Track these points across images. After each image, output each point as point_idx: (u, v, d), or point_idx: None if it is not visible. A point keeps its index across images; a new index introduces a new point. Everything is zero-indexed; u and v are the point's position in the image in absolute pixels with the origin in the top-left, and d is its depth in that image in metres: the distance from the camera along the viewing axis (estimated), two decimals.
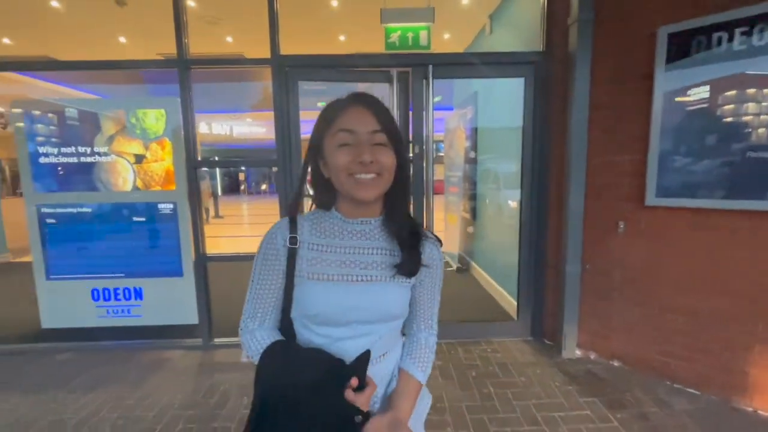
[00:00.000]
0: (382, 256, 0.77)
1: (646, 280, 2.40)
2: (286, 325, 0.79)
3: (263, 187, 20.09)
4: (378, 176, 0.71)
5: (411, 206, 0.77)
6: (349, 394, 0.65)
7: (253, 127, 14.66)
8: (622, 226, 2.44)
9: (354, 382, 0.66)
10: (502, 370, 2.56)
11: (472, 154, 4.66)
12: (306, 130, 3.12)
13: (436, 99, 6.68)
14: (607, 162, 2.45)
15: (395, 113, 2.77)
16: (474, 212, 4.78)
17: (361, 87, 2.97)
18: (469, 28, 4.42)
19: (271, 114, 2.87)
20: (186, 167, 2.91)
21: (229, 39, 4.41)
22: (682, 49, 2.11)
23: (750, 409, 2.11)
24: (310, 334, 0.77)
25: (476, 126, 4.59)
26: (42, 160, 3.11)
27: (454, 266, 5.06)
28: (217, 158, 11.10)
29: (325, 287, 0.74)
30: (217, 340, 3.02)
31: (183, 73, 2.69)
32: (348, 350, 0.73)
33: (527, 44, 2.99)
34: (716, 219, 2.11)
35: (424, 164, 2.83)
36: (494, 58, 2.71)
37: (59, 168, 3.12)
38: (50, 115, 3.08)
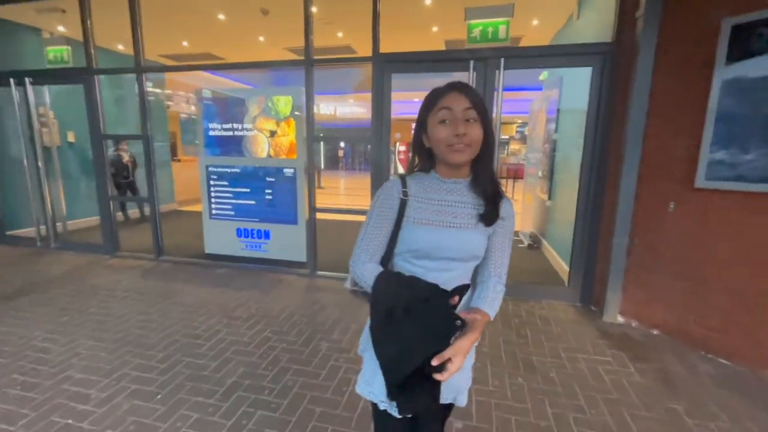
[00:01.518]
0: (468, 208, 0.97)
1: (690, 257, 2.59)
2: (385, 263, 1.01)
3: (359, 163, 21.64)
4: (467, 146, 0.91)
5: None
6: (454, 302, 0.87)
7: (354, 108, 15.90)
8: (672, 206, 2.65)
9: (455, 299, 0.87)
10: (543, 322, 3.01)
11: (552, 136, 4.84)
12: (396, 111, 3.81)
13: (542, 76, 6.58)
14: (662, 146, 2.65)
15: None
16: (550, 193, 4.98)
17: (443, 76, 3.50)
18: (559, 14, 4.55)
19: (369, 95, 3.61)
20: (306, 141, 3.84)
21: (340, 34, 5.27)
22: (744, 40, 2.23)
23: None
24: (411, 266, 0.98)
25: (559, 108, 4.74)
26: (210, 133, 4.36)
27: (526, 243, 5.36)
28: (322, 135, 12.60)
29: (426, 229, 0.95)
30: (319, 273, 4.00)
31: (308, 69, 3.58)
32: (437, 279, 0.91)
33: (608, 30, 3.17)
34: (763, 203, 2.24)
35: (496, 145, 3.28)
36: (563, 50, 3.02)
37: (220, 138, 4.33)
38: (216, 100, 4.29)
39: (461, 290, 0.90)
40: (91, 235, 5.25)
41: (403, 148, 15.47)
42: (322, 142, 18.91)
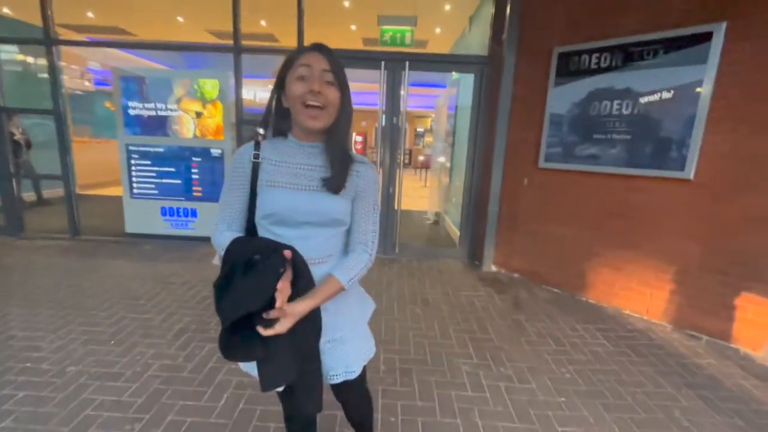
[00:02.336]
0: (324, 171, 0.95)
1: (535, 218, 3.60)
2: (251, 231, 0.99)
3: None
4: (323, 109, 0.89)
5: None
6: (287, 253, 0.86)
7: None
8: (525, 181, 3.62)
9: (288, 253, 0.86)
10: (438, 273, 3.83)
11: (451, 129, 5.75)
12: None
13: (455, 76, 7.48)
14: (519, 137, 3.60)
15: (383, 92, 3.90)
16: (450, 177, 5.92)
17: (362, 72, 4.07)
18: (456, 25, 5.42)
19: None
20: (236, 124, 4.13)
21: (263, 23, 5.52)
22: (565, 64, 3.20)
23: (584, 299, 3.34)
24: (269, 235, 0.95)
25: (456, 105, 5.65)
26: (130, 111, 4.36)
27: (432, 220, 6.28)
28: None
29: (279, 192, 0.93)
30: None
31: (237, 56, 3.88)
32: (299, 248, 0.90)
33: (485, 46, 4.05)
34: (575, 177, 3.27)
35: (400, 133, 3.99)
36: (452, 59, 3.82)
37: (142, 118, 4.36)
38: (136, 79, 4.31)
39: (290, 248, 0.88)
40: None
41: (359, 138, 15.98)
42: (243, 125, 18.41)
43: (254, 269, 0.84)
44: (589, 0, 3.07)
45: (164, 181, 4.49)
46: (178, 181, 4.49)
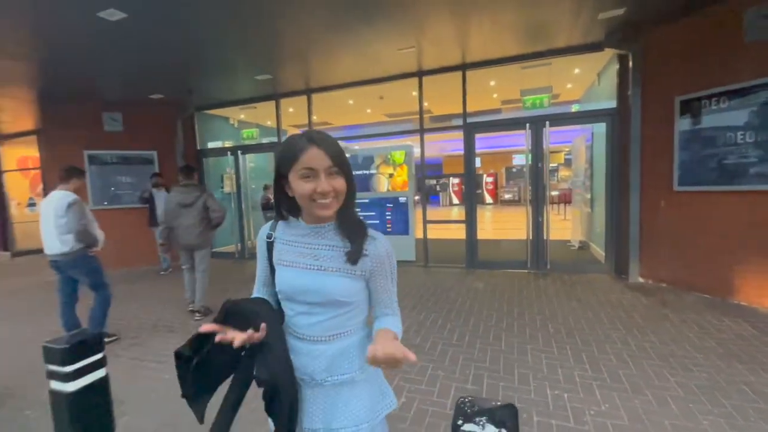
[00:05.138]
0: (331, 251, 0.99)
1: (675, 234, 4.22)
2: (277, 300, 1.07)
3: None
4: (334, 198, 0.94)
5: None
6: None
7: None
8: (663, 203, 4.32)
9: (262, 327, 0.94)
10: (587, 282, 4.69)
11: (588, 164, 6.54)
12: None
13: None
14: (651, 167, 4.38)
15: (529, 148, 5.19)
16: (591, 206, 6.62)
17: (509, 132, 5.46)
18: (585, 79, 6.42)
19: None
20: (416, 179, 5.96)
21: (426, 104, 7.51)
22: (686, 108, 4.00)
23: (735, 302, 3.78)
24: (284, 308, 1.05)
25: (592, 142, 6.47)
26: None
27: (577, 246, 6.96)
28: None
29: (286, 270, 1.01)
30: (430, 264, 5.94)
31: (422, 135, 5.75)
32: (299, 324, 1.00)
33: (614, 98, 4.99)
34: (711, 196, 3.89)
35: (544, 175, 5.16)
36: (585, 114, 4.89)
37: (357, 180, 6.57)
38: (354, 157, 6.58)
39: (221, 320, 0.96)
40: None
41: (490, 179, 17.94)
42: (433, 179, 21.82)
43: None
44: (705, 57, 3.88)
45: (368, 222, 6.53)
46: (378, 221, 6.48)
